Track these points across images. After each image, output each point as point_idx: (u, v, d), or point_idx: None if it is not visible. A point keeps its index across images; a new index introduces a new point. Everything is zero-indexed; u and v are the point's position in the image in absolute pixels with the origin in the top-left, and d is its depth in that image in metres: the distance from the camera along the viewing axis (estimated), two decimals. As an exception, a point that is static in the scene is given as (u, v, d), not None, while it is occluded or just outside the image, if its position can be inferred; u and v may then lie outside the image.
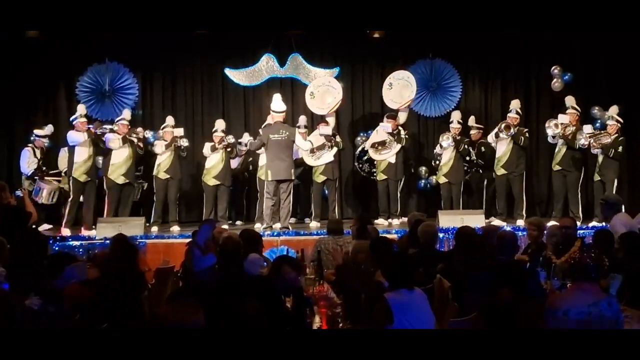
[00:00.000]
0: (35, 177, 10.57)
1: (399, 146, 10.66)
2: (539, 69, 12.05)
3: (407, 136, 10.88)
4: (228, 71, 11.72)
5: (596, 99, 11.25)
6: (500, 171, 10.40)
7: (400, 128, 10.77)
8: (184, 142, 10.55)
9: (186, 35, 11.13)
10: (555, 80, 11.39)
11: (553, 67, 11.41)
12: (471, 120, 11.16)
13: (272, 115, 10.12)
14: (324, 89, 11.17)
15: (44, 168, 10.76)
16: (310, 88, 11.22)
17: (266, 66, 11.66)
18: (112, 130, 10.20)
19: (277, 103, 10.07)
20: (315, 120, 11.55)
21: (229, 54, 12.02)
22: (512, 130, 10.16)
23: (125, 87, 11.61)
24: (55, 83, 11.94)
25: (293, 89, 12.05)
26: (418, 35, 11.35)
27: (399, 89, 11.08)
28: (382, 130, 10.67)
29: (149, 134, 11.17)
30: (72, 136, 9.97)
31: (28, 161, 10.67)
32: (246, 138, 11.29)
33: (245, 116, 12.29)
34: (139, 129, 10.67)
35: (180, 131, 10.62)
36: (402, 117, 11.03)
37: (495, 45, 11.81)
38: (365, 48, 12.09)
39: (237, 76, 11.73)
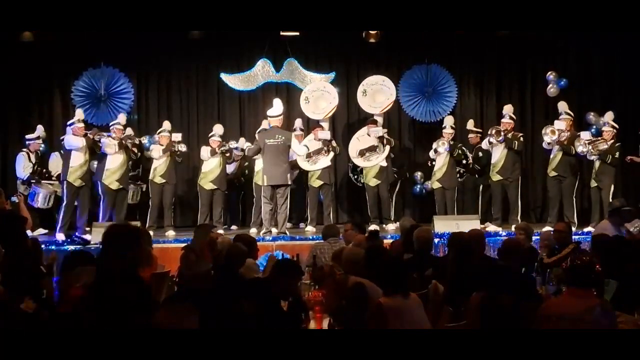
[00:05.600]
0: (32, 182, 10.53)
1: (388, 148, 10.68)
2: (534, 74, 12.05)
3: (392, 137, 10.95)
4: (224, 76, 11.71)
5: (591, 104, 11.28)
6: (495, 177, 10.40)
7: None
8: (182, 148, 10.52)
9: (182, 40, 11.12)
10: (550, 85, 11.41)
11: (549, 73, 11.42)
12: (469, 124, 11.18)
13: (268, 120, 10.16)
14: (319, 94, 11.18)
15: (43, 170, 10.74)
16: (305, 93, 11.23)
17: (262, 71, 11.66)
18: (108, 136, 10.20)
19: (274, 107, 10.10)
20: (311, 125, 11.55)
21: (225, 59, 12.03)
22: (502, 136, 10.17)
23: (121, 92, 11.58)
24: (50, 87, 11.92)
25: (289, 94, 12.03)
26: (414, 40, 11.37)
27: (372, 94, 11.19)
28: (373, 136, 10.66)
29: (145, 139, 11.16)
30: (70, 141, 9.92)
31: (23, 165, 10.63)
32: (242, 143, 11.29)
33: (241, 121, 12.29)
34: (129, 130, 10.56)
35: (178, 136, 10.58)
36: (379, 120, 11.07)
37: (491, 49, 11.85)
38: (361, 53, 12.08)
39: (232, 81, 11.73)
